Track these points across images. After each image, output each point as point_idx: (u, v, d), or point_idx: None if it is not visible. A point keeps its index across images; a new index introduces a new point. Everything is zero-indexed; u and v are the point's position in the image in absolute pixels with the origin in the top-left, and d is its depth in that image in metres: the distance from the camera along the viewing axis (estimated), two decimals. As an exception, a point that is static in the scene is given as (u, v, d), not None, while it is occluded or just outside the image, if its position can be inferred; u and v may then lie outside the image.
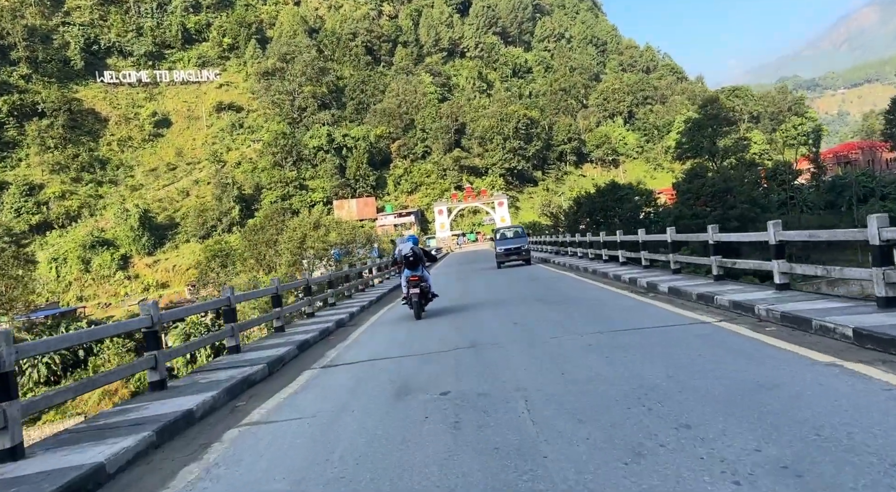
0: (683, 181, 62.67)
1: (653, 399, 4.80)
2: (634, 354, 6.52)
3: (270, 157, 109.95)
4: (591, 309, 11.25)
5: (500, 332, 9.63)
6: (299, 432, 5.21)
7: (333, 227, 63.95)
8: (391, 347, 9.36)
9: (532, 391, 5.48)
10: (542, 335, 8.67)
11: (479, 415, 4.94)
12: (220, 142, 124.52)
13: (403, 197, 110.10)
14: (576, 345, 7.51)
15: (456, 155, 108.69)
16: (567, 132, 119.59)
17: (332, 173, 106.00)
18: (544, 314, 11.15)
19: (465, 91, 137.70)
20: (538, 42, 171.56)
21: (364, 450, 4.46)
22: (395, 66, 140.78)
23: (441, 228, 79.67)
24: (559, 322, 9.89)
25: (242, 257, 67.47)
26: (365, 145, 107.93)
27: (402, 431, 4.80)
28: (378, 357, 8.60)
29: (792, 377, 5.03)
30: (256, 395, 7.15)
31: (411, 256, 12.52)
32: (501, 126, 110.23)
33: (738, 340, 6.77)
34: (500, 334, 9.33)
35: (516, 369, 6.54)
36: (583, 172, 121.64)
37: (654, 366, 5.88)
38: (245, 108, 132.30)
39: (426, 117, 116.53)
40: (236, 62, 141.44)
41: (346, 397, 6.29)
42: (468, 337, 9.41)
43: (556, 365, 6.47)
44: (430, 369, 7.13)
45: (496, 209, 79.67)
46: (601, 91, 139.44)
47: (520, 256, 26.51)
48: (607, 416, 4.52)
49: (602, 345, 7.30)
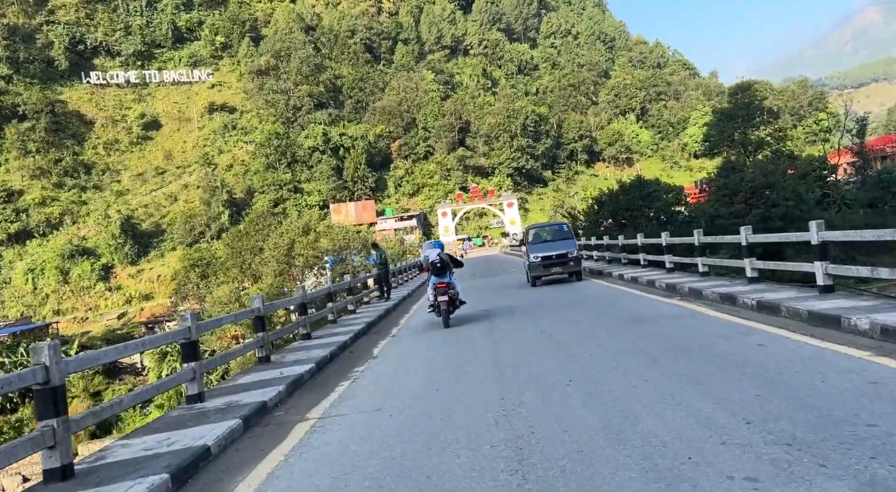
0: (718, 176, 55.35)
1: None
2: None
3: (263, 159, 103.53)
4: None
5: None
6: None
7: (325, 232, 57.24)
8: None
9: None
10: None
11: None
12: (212, 144, 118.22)
13: (405, 200, 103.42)
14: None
15: (460, 154, 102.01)
16: (577, 129, 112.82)
17: (329, 175, 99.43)
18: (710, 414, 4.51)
19: (469, 89, 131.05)
20: (544, 39, 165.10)
21: None
22: (396, 64, 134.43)
23: (445, 232, 72.90)
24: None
25: (224, 267, 60.81)
26: (363, 145, 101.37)
27: None
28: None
29: None
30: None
31: (439, 262, 12.21)
32: (508, 123, 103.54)
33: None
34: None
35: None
36: (595, 172, 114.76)
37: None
38: (238, 108, 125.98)
39: (428, 115, 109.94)
40: (229, 62, 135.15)
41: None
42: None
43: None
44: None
45: (505, 211, 72.93)
46: (612, 87, 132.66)
47: (565, 266, 17.99)
48: None
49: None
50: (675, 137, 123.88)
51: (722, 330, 7.89)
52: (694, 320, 9.04)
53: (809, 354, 6.04)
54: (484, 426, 4.93)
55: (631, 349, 7.38)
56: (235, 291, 56.94)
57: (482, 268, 36.67)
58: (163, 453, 5.26)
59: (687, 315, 9.57)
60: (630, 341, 7.98)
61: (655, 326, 8.94)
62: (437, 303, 12.14)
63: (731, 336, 7.41)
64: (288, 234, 57.97)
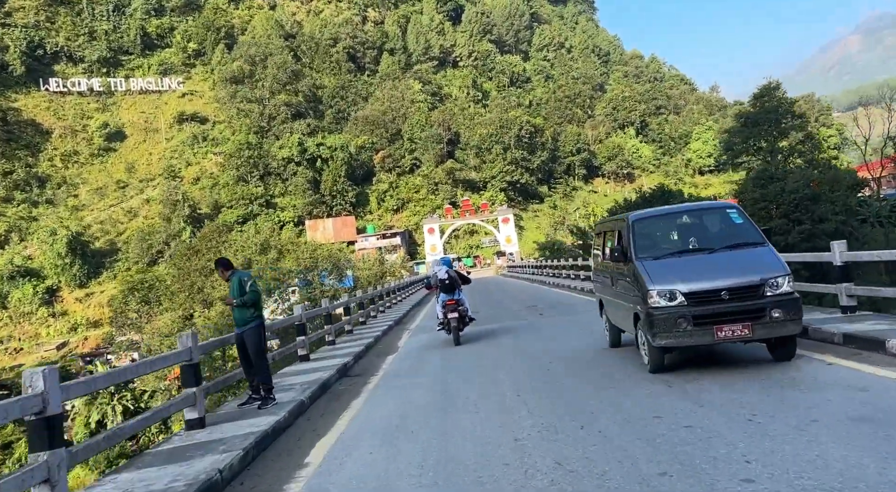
0: (753, 187, 46.11)
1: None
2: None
3: (233, 171, 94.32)
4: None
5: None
6: None
7: (289, 249, 48.10)
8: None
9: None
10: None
11: None
12: (180, 156, 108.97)
13: (388, 216, 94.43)
14: None
15: (449, 167, 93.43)
16: (575, 142, 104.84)
17: (305, 189, 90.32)
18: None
19: (459, 101, 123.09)
20: (536, 51, 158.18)
21: None
22: (381, 73, 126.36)
23: (432, 251, 63.87)
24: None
25: (169, 291, 51.29)
26: (343, 156, 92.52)
27: None
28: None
29: None
30: None
31: (447, 279, 12.14)
32: (501, 134, 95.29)
33: None
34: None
35: None
36: (594, 187, 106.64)
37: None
38: (211, 119, 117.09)
39: (415, 126, 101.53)
40: (202, 70, 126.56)
41: None
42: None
43: None
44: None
45: (500, 227, 64.13)
46: (609, 99, 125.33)
47: (760, 322, 6.41)
48: None
49: None
50: (678, 153, 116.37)
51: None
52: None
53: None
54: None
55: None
56: (180, 319, 47.28)
57: (483, 300, 23.90)
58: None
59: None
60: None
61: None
62: (448, 320, 12.01)
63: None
64: (243, 251, 48.56)
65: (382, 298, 27.38)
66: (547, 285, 31.21)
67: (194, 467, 5.32)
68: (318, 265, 46.45)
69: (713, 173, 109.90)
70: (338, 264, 49.10)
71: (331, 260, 47.68)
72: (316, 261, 46.02)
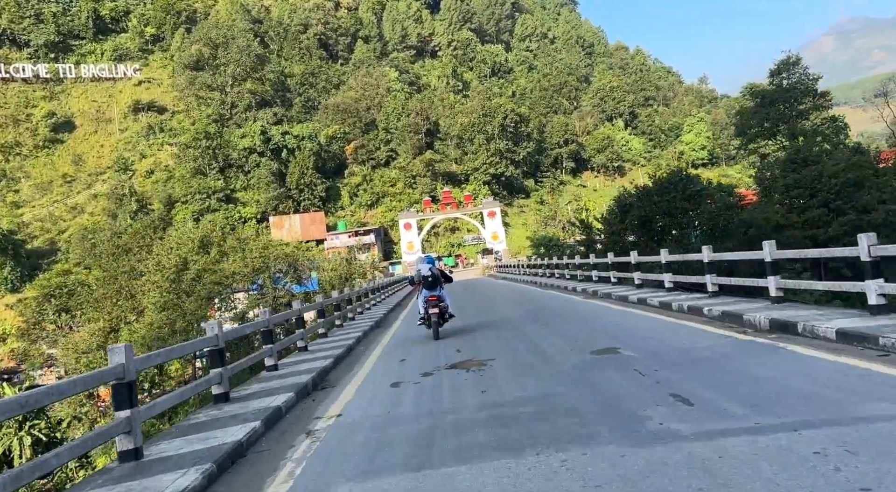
0: (782, 173, 38.99)
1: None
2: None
3: (190, 162, 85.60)
4: None
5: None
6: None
7: (234, 247, 40.12)
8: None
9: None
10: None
11: None
12: (133, 148, 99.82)
13: (361, 212, 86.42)
14: None
15: (428, 158, 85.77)
16: (562, 133, 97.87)
17: (269, 182, 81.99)
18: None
19: (438, 91, 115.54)
20: (518, 41, 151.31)
21: None
22: (355, 60, 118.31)
23: (408, 250, 56.00)
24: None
25: (92, 298, 42.72)
26: (312, 146, 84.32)
27: None
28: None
29: None
30: None
31: (430, 276, 12.44)
32: (484, 123, 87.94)
33: None
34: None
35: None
36: (582, 182, 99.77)
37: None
38: (170, 108, 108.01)
39: (390, 114, 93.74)
40: (161, 57, 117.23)
41: None
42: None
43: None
44: None
45: (485, 222, 56.59)
46: (596, 90, 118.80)
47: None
48: None
49: None
50: (669, 145, 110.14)
51: None
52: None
53: None
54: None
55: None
56: (100, 332, 38.45)
57: (472, 312, 17.40)
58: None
59: None
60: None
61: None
62: (428, 315, 12.29)
63: None
64: (178, 250, 40.01)
65: (343, 307, 19.92)
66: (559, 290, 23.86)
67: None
68: (270, 266, 38.54)
69: (706, 167, 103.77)
70: (295, 265, 41.27)
71: (287, 260, 39.81)
72: (267, 261, 38.09)
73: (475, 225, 61.07)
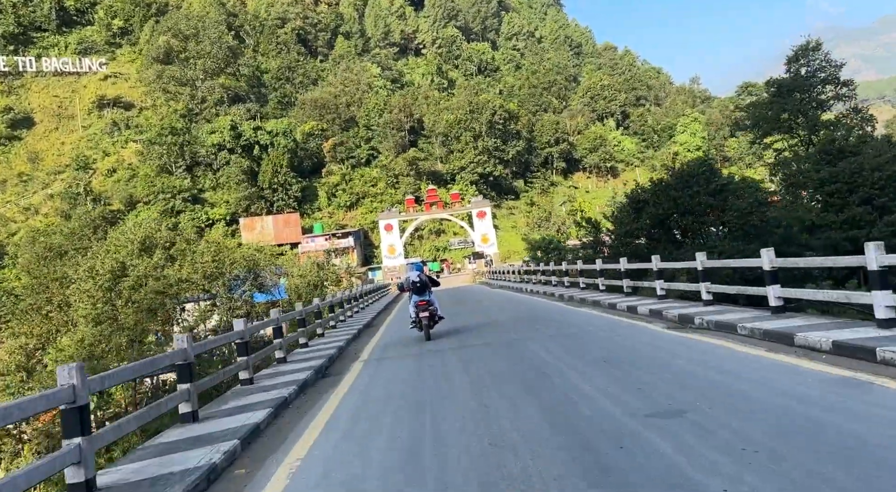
0: (814, 166, 33.97)
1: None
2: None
3: (156, 160, 79.46)
4: None
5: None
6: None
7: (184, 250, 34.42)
8: None
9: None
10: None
11: None
12: (97, 146, 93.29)
13: (340, 213, 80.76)
14: None
15: (412, 156, 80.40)
16: (553, 131, 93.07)
17: (239, 181, 76.09)
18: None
19: (422, 89, 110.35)
20: (505, 40, 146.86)
21: None
22: (334, 55, 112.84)
23: (389, 253, 50.38)
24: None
25: (17, 309, 36.75)
26: (286, 143, 78.59)
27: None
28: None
29: None
30: None
31: (419, 282, 12.90)
32: (471, 120, 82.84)
33: None
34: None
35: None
36: (574, 183, 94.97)
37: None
38: (137, 104, 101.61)
39: (371, 110, 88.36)
40: (129, 51, 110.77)
41: None
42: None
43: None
44: None
45: (474, 224, 51.23)
46: (587, 88, 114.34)
47: None
48: None
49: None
50: (663, 146, 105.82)
51: None
52: None
53: None
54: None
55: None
56: (20, 350, 32.54)
57: (473, 335, 12.69)
58: None
59: None
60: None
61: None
62: (419, 319, 12.75)
63: None
64: (115, 253, 34.07)
65: (304, 325, 14.52)
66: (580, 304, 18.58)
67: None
68: (225, 272, 32.84)
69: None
70: (256, 270, 35.61)
71: (246, 264, 34.11)
72: (222, 266, 32.39)
73: (463, 227, 55.71)
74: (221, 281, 30.97)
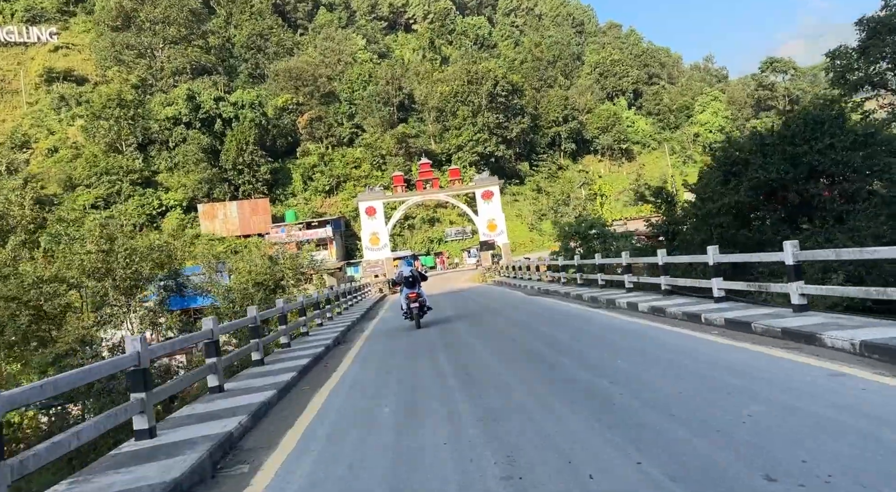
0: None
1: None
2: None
3: (102, 137, 67.96)
4: None
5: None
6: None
7: (64, 245, 23.16)
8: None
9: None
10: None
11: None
12: (40, 123, 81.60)
13: (318, 200, 69.67)
14: None
15: (401, 132, 69.46)
16: (561, 108, 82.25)
17: (199, 160, 64.76)
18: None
19: (413, 65, 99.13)
20: (503, 16, 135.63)
21: None
22: (315, 25, 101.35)
23: (372, 244, 39.44)
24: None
25: None
26: (255, 117, 67.30)
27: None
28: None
29: None
30: None
31: (410, 277, 13.96)
32: (469, 93, 71.92)
33: None
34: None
35: None
36: (584, 166, 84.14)
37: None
38: (91, 78, 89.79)
39: (355, 81, 77.18)
40: (84, 19, 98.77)
41: None
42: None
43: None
44: None
45: (478, 207, 40.50)
46: (595, 64, 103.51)
47: None
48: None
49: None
50: (678, 128, 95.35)
51: None
52: None
53: None
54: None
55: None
56: None
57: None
58: None
59: None
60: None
61: None
62: (410, 309, 13.86)
63: None
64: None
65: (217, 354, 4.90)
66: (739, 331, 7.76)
67: None
68: (115, 268, 21.77)
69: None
70: (168, 263, 24.62)
71: (154, 258, 23.13)
72: (113, 261, 21.39)
73: (463, 212, 44.91)
74: (107, 282, 19.99)
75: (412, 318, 13.85)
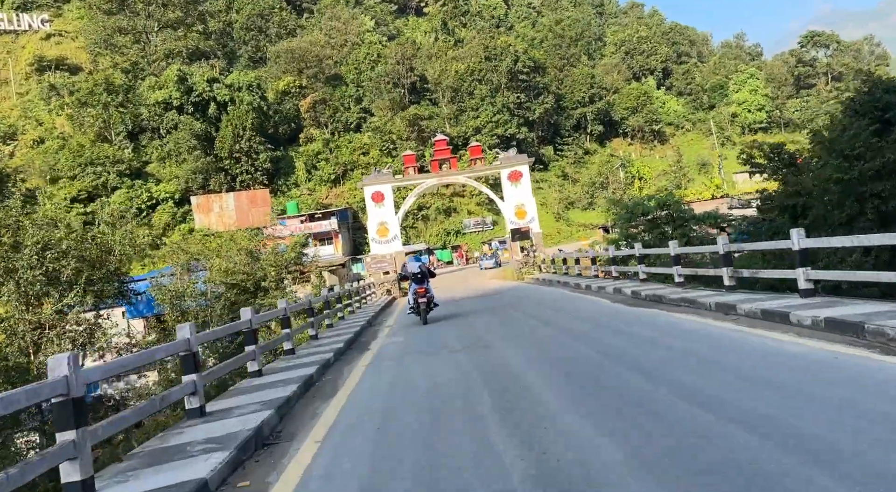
0: None
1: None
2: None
3: (90, 126, 62.66)
4: None
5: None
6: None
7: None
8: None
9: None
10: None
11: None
12: (29, 113, 76.66)
13: (323, 190, 63.78)
14: None
15: (413, 113, 63.32)
16: (587, 88, 75.54)
17: (192, 147, 59.09)
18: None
19: (425, 48, 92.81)
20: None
21: None
22: (321, 6, 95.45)
23: (380, 236, 33.66)
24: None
25: None
26: (252, 100, 61.46)
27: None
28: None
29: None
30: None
31: (419, 273, 14.20)
32: (487, 70, 65.57)
33: None
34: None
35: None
36: (612, 150, 77.36)
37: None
38: (85, 67, 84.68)
39: (363, 62, 71.13)
40: (78, 6, 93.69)
41: None
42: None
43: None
44: None
45: (505, 190, 34.48)
46: (621, 41, 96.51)
47: None
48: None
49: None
50: (716, 106, 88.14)
51: None
52: None
53: None
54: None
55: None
56: None
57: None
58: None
59: None
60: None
61: None
62: (418, 304, 14.11)
63: None
64: None
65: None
66: None
67: None
68: (21, 266, 15.99)
69: (766, 132, 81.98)
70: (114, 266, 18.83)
71: (83, 252, 17.43)
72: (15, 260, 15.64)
73: (488, 196, 38.80)
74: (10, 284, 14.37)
75: (419, 313, 14.08)
